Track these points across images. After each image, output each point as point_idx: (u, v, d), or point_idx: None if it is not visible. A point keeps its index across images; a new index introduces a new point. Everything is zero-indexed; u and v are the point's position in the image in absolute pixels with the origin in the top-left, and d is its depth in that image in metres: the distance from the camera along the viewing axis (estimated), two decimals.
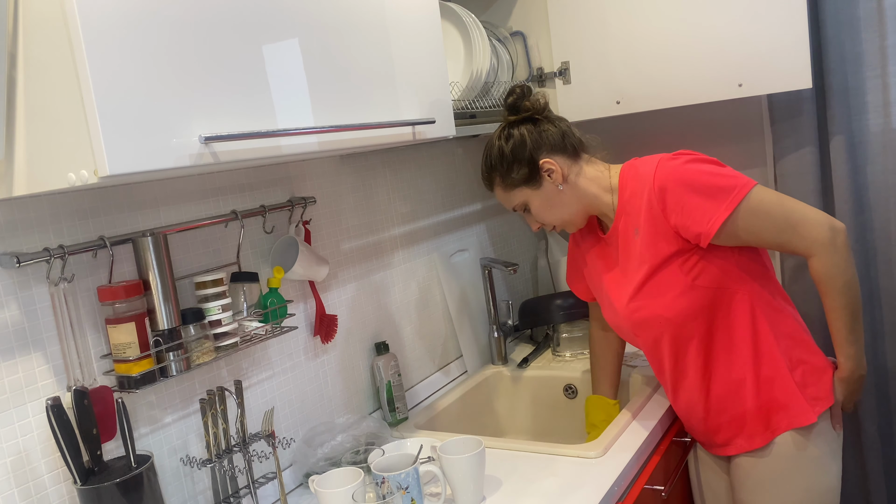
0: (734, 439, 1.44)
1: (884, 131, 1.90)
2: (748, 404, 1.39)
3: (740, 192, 1.29)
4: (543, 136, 1.41)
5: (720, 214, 1.29)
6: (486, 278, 2.04)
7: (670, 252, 1.34)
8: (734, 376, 1.39)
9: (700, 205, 1.30)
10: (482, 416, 1.92)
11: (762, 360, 1.38)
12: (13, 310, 1.07)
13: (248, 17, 0.99)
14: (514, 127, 1.43)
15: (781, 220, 1.31)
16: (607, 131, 2.34)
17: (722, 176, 1.31)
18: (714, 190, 1.30)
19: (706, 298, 1.35)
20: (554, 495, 1.29)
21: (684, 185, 1.31)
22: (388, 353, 1.72)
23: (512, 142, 1.41)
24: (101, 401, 1.10)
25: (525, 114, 1.43)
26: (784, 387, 1.38)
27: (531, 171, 1.41)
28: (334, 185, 1.65)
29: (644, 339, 1.46)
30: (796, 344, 1.40)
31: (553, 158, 1.41)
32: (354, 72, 1.17)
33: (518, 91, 1.44)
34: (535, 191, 1.43)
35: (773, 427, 1.39)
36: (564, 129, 1.43)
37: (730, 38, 1.77)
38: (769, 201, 1.31)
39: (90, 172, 0.84)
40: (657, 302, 1.38)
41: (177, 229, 1.26)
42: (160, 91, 0.88)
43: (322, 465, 1.41)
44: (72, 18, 0.80)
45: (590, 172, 1.43)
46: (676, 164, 1.33)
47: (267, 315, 1.38)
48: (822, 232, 1.31)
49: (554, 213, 1.45)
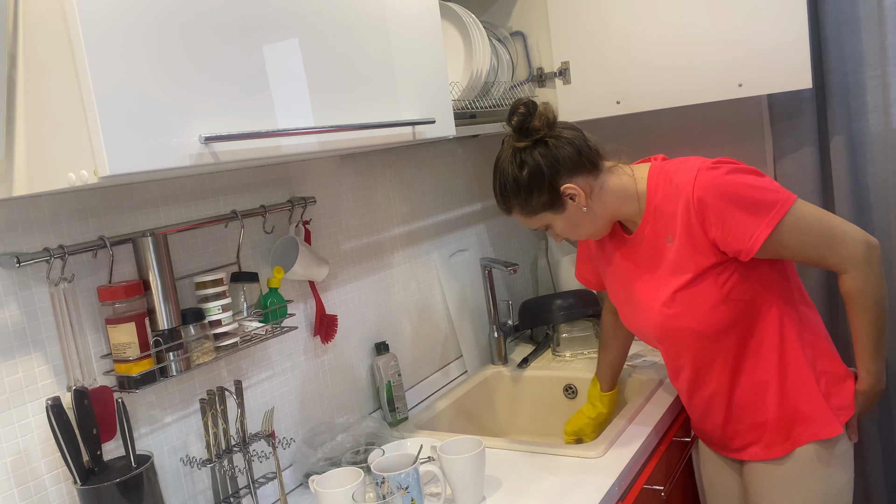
0: (751, 447, 1.42)
1: (884, 131, 1.90)
2: (770, 413, 1.37)
3: (782, 208, 1.26)
4: (560, 160, 1.31)
5: (762, 231, 1.25)
6: (486, 278, 2.04)
7: (708, 265, 1.31)
8: (758, 385, 1.37)
9: (742, 220, 1.26)
10: (482, 416, 1.92)
11: (788, 370, 1.36)
12: (13, 310, 1.07)
13: (249, 17, 0.99)
14: (525, 152, 1.32)
15: (820, 235, 1.28)
16: (607, 131, 2.34)
17: (764, 190, 1.27)
18: (756, 205, 1.26)
19: (738, 311, 1.33)
20: (554, 495, 1.29)
21: (726, 198, 1.26)
22: (388, 353, 1.72)
23: (527, 169, 1.31)
24: (101, 401, 1.10)
25: (535, 136, 1.32)
26: (810, 398, 1.36)
27: (552, 198, 1.33)
28: (334, 185, 1.65)
29: (668, 346, 1.43)
30: (821, 353, 1.38)
31: (573, 182, 1.32)
32: (354, 72, 1.17)
33: (523, 109, 1.33)
34: (558, 214, 1.36)
35: (795, 438, 1.37)
36: (579, 143, 1.33)
37: (730, 38, 1.77)
38: (810, 216, 1.28)
39: (90, 172, 0.84)
40: (690, 314, 1.34)
41: (177, 229, 1.26)
42: (160, 91, 0.88)
43: (322, 465, 1.41)
44: (72, 18, 0.80)
45: (613, 183, 1.36)
46: (717, 174, 1.28)
47: (267, 315, 1.38)
48: (858, 249, 1.28)
49: (579, 231, 1.39)
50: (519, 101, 1.35)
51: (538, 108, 1.34)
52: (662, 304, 1.37)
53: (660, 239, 1.36)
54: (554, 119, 1.34)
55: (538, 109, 1.34)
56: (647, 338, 1.46)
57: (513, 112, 1.34)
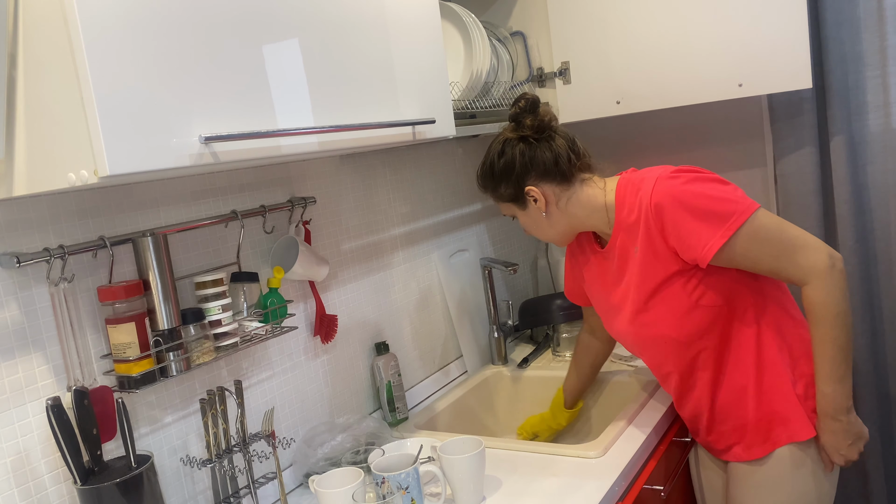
0: (733, 447, 1.43)
1: (884, 131, 1.90)
2: (749, 414, 1.38)
3: (739, 219, 1.25)
4: (534, 161, 1.37)
5: (716, 241, 1.25)
6: (486, 278, 2.04)
7: (671, 272, 1.32)
8: (738, 387, 1.38)
9: (696, 229, 1.26)
10: (482, 416, 1.92)
11: (765, 373, 1.36)
12: (13, 310, 1.07)
13: (249, 16, 0.99)
14: (509, 143, 1.39)
15: (779, 246, 1.27)
16: (607, 131, 2.34)
17: (721, 200, 1.26)
18: (711, 215, 1.26)
19: (712, 316, 1.33)
20: (554, 495, 1.29)
21: (681, 207, 1.27)
22: (388, 353, 1.72)
23: (504, 160, 1.39)
24: (101, 401, 1.10)
25: (524, 132, 1.38)
26: (785, 399, 1.36)
27: (516, 193, 1.40)
28: (334, 185, 1.65)
29: (650, 355, 1.44)
30: (801, 355, 1.37)
31: (539, 186, 1.38)
32: (354, 71, 1.17)
33: (522, 104, 1.39)
34: (521, 210, 1.43)
35: (773, 439, 1.37)
36: (561, 152, 1.37)
37: (730, 38, 1.77)
38: (768, 228, 1.27)
39: (90, 172, 0.84)
40: (664, 322, 1.36)
41: (177, 229, 1.26)
42: (160, 91, 0.88)
43: (322, 465, 1.41)
44: (72, 18, 0.80)
45: (583, 194, 1.39)
46: (675, 183, 1.28)
47: (267, 315, 1.38)
48: (819, 260, 1.26)
49: (539, 233, 1.45)
50: (524, 95, 1.41)
51: (539, 107, 1.39)
52: (635, 313, 1.39)
53: (629, 250, 1.37)
54: (548, 123, 1.39)
55: (538, 109, 1.39)
56: (630, 347, 1.48)
57: (515, 102, 1.41)
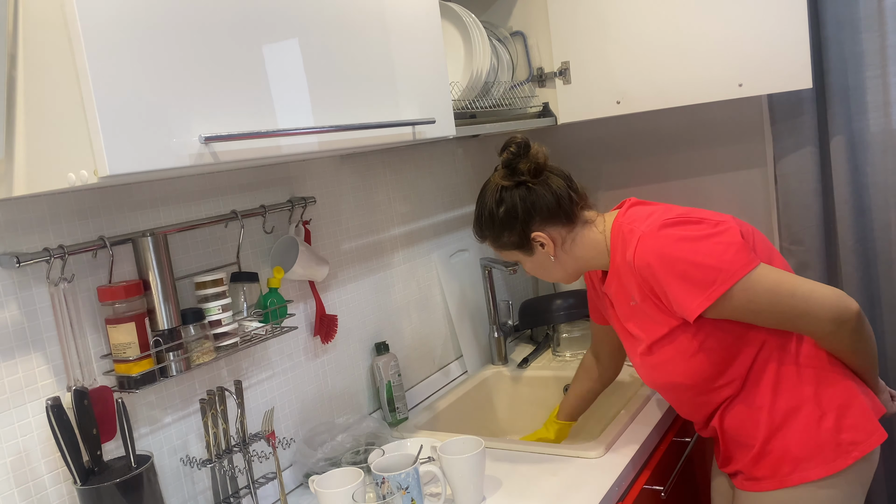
0: (738, 475, 1.37)
1: (884, 131, 1.90)
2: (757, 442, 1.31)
3: (723, 284, 1.19)
4: (537, 206, 1.32)
5: (699, 304, 1.21)
6: (486, 278, 2.04)
7: (675, 324, 1.28)
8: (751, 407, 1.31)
9: (679, 291, 1.22)
10: (482, 416, 1.92)
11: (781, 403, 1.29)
12: (13, 310, 1.07)
13: (249, 17, 0.99)
14: (506, 191, 1.34)
15: (778, 315, 1.22)
16: (607, 131, 2.34)
17: (703, 267, 1.20)
18: (693, 280, 1.21)
19: (717, 356, 1.28)
20: (554, 495, 1.29)
21: (664, 269, 1.22)
22: (388, 353, 1.72)
23: (504, 208, 1.34)
24: (101, 401, 1.10)
25: (519, 178, 1.33)
26: (803, 437, 1.28)
27: (522, 240, 1.36)
28: (334, 185, 1.65)
29: (664, 394, 1.40)
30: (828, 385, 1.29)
31: (545, 230, 1.34)
32: (354, 71, 1.17)
33: (514, 149, 1.34)
34: (526, 256, 1.39)
35: (781, 477, 1.30)
36: (561, 192, 1.33)
37: (730, 38, 1.77)
38: (761, 291, 1.20)
39: (90, 172, 0.84)
40: (671, 369, 1.31)
41: (177, 229, 1.26)
42: (160, 91, 0.88)
43: (322, 465, 1.41)
44: (72, 19, 0.80)
45: (586, 238, 1.35)
46: (659, 244, 1.23)
47: (267, 315, 1.38)
48: (820, 328, 1.21)
49: (547, 275, 1.41)
50: (512, 139, 1.35)
51: (530, 149, 1.34)
52: (642, 354, 1.35)
53: (626, 297, 1.34)
54: (543, 163, 1.35)
55: (530, 151, 1.34)
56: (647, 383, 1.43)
57: (504, 147, 1.35)
